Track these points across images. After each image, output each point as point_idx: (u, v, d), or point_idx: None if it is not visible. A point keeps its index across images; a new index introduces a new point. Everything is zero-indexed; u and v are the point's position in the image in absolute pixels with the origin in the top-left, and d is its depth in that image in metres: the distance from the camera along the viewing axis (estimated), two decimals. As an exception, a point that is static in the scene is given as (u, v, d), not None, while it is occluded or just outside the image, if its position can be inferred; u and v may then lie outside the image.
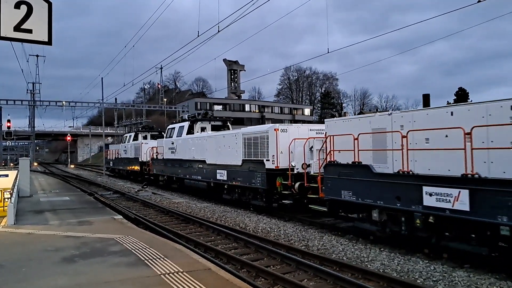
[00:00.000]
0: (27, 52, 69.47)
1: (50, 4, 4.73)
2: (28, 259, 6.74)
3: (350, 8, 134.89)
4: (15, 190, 13.34)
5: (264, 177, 12.78)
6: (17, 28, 4.53)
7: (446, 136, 7.28)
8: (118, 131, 63.41)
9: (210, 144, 16.93)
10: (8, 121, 39.68)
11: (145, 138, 30.47)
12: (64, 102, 52.08)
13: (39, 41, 4.68)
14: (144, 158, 26.68)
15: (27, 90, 55.45)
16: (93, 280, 5.53)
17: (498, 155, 6.49)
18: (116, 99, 58.68)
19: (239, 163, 14.34)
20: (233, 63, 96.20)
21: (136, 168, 28.40)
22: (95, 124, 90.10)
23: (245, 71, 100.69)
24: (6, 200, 12.92)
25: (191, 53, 43.20)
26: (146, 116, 60.94)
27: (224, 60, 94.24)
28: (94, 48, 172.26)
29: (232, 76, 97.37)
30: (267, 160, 12.79)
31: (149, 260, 6.48)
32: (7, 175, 20.30)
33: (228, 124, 20.85)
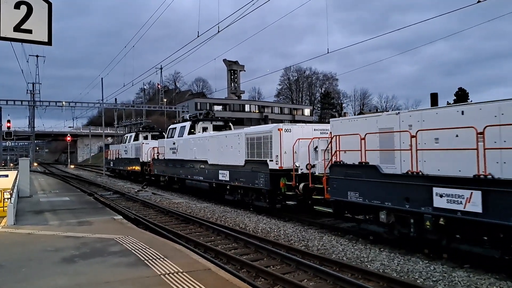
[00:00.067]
0: (27, 52, 69.66)
1: (50, 4, 4.74)
2: (28, 259, 6.74)
3: (350, 8, 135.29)
4: (15, 190, 13.35)
5: (268, 177, 12.66)
6: (17, 28, 4.54)
7: (457, 135, 7.13)
8: (118, 131, 63.42)
9: (212, 144, 16.82)
10: (8, 121, 39.60)
11: (146, 138, 30.41)
12: (64, 102, 52.23)
13: (39, 41, 4.69)
14: (145, 158, 26.64)
15: (27, 90, 55.51)
16: (93, 280, 5.53)
17: (511, 155, 6.38)
18: (116, 99, 58.89)
19: (242, 164, 14.26)
20: (233, 63, 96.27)
21: (137, 168, 28.37)
22: (95, 124, 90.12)
23: (245, 71, 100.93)
24: (6, 200, 12.89)
25: (191, 53, 43.36)
26: (146, 116, 60.89)
27: (224, 60, 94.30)
28: (94, 48, 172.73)
29: (232, 77, 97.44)
30: (270, 160, 12.69)
31: (149, 260, 6.48)
32: (7, 175, 20.31)
33: (230, 124, 20.71)
